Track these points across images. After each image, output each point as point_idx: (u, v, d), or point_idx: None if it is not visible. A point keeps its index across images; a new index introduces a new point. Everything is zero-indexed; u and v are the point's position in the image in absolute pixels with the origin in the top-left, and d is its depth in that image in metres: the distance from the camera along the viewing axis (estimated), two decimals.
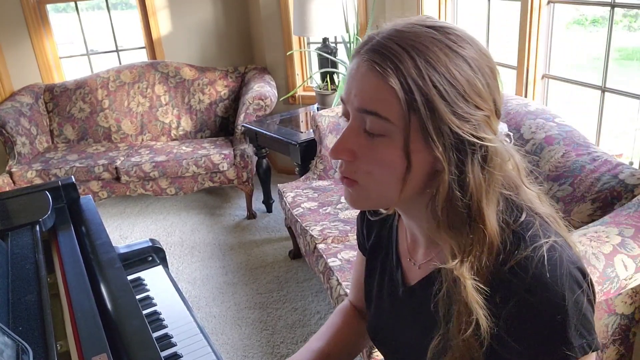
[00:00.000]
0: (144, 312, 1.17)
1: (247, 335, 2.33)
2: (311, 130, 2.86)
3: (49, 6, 3.79)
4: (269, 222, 3.28)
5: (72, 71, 4.00)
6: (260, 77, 3.57)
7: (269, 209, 3.40)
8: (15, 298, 0.93)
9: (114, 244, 1.24)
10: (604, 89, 2.08)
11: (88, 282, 1.03)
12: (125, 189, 3.29)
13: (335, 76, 3.17)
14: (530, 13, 2.24)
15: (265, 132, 3.07)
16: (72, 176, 1.53)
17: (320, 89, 3.20)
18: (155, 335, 1.13)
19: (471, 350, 0.65)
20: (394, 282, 0.85)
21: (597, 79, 2.11)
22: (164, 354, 1.09)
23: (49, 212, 1.24)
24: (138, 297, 1.27)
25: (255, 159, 3.32)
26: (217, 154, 3.23)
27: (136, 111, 3.67)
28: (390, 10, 3.08)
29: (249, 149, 3.29)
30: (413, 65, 0.62)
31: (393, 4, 3.08)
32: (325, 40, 3.18)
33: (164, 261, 1.46)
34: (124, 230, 3.31)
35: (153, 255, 1.44)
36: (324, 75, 3.20)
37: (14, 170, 3.21)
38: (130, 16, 5.14)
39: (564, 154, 1.78)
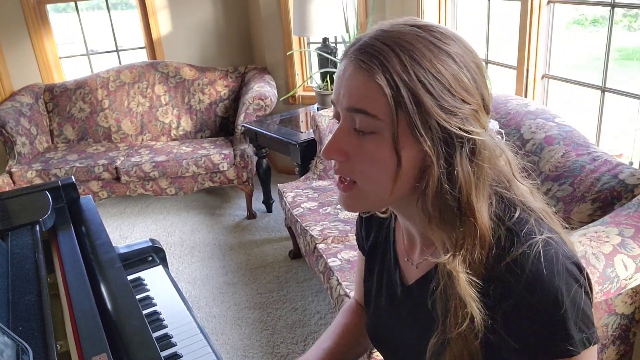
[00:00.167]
0: (144, 312, 1.17)
1: (247, 335, 2.33)
2: (311, 130, 2.86)
3: (49, 6, 3.79)
4: (269, 222, 3.28)
5: (72, 71, 4.00)
6: (260, 77, 3.57)
7: (269, 209, 3.40)
8: (15, 298, 0.93)
9: (114, 244, 1.25)
10: (604, 89, 2.07)
11: (88, 282, 1.03)
12: (125, 189, 3.29)
13: (335, 76, 3.17)
14: (530, 13, 2.24)
15: (265, 132, 3.07)
16: (72, 176, 1.53)
17: (320, 89, 3.20)
18: (155, 335, 1.13)
19: (468, 344, 0.66)
20: (393, 282, 0.85)
21: (597, 79, 2.11)
22: (164, 354, 1.09)
23: (49, 212, 1.24)
24: (138, 297, 1.27)
25: (255, 159, 3.32)
26: (217, 154, 3.23)
27: (136, 111, 3.67)
28: (390, 10, 3.07)
29: (249, 149, 3.29)
30: (398, 62, 0.63)
31: (393, 4, 3.07)
32: (325, 40, 3.18)
33: (164, 261, 1.46)
34: (124, 230, 3.31)
35: (153, 255, 1.45)
36: (324, 75, 3.20)
37: (14, 170, 3.21)
38: (130, 16, 5.14)
39: (564, 154, 1.78)
